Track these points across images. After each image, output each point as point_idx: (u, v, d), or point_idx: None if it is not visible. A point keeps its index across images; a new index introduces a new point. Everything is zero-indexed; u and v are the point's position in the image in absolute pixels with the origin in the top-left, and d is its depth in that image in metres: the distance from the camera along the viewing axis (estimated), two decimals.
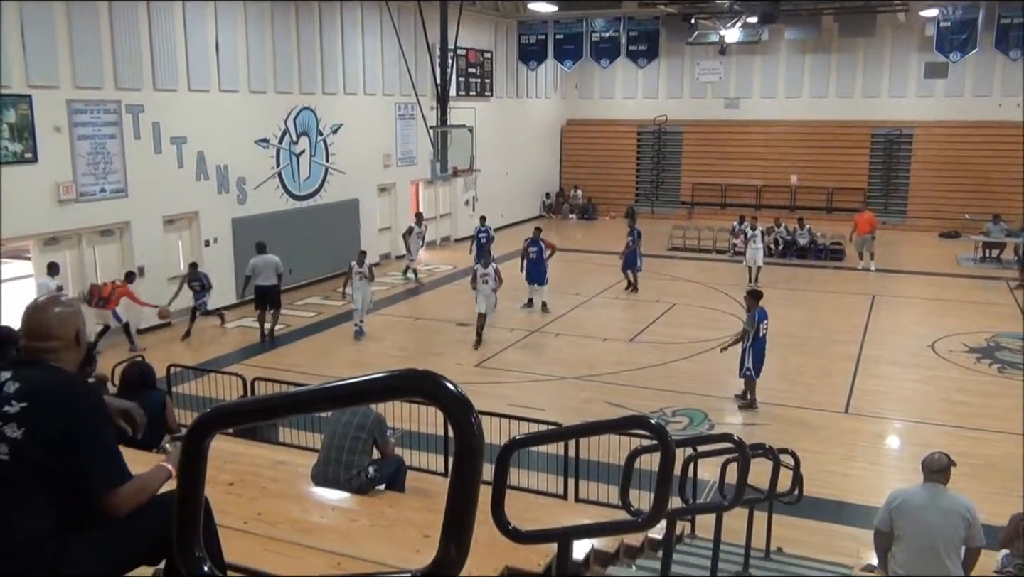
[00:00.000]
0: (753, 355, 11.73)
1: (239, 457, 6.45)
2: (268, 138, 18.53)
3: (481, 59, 26.22)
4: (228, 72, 17.16)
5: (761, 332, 11.74)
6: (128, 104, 15.04)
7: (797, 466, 7.60)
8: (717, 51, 26.45)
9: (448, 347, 15.16)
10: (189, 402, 10.51)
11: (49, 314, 2.63)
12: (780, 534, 7.68)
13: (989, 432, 11.06)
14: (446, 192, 25.90)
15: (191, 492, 1.56)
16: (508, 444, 2.93)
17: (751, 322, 11.76)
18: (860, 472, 10.09)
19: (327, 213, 20.26)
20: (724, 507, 4.81)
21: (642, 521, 2.77)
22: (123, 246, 15.49)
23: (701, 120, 30.54)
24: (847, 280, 20.85)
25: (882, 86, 28.37)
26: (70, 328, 2.63)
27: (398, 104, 22.53)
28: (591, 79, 31.70)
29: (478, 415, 1.34)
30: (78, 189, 14.25)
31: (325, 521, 5.00)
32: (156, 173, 15.66)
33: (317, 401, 1.51)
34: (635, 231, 19.18)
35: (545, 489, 8.29)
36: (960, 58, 23.99)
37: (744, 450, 4.29)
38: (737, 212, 26.39)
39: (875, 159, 28.94)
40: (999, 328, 16.04)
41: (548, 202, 31.88)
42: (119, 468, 2.51)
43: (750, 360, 11.75)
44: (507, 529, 2.70)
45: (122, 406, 2.98)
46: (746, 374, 11.89)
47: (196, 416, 1.58)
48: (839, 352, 14.69)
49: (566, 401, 12.29)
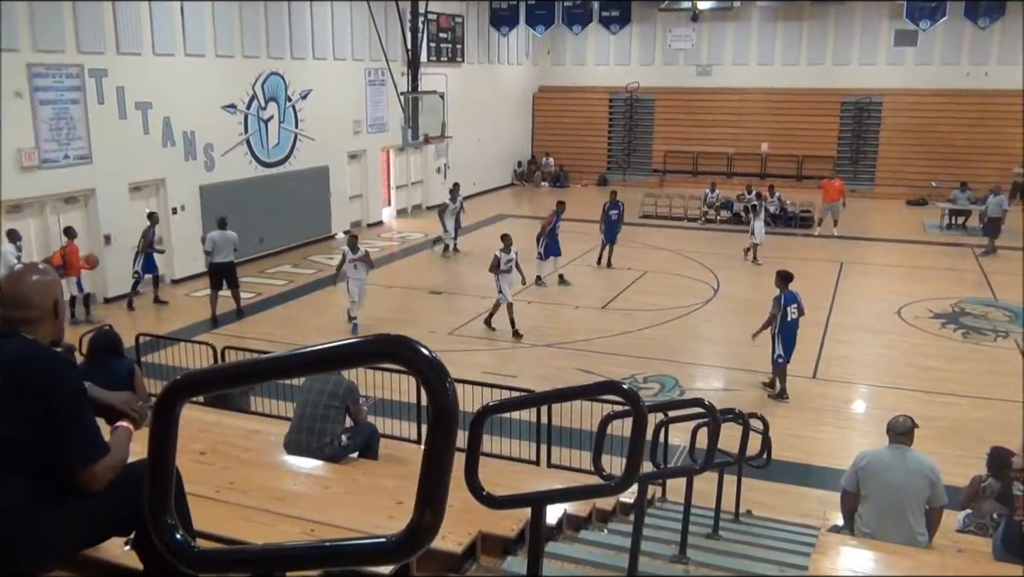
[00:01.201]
0: (782, 340, 11.08)
1: (211, 426, 6.42)
2: (236, 104, 18.23)
3: (452, 24, 25.90)
4: (194, 36, 16.81)
5: (789, 316, 11.07)
6: (91, 68, 14.70)
7: (766, 430, 7.72)
8: (689, 18, 26.43)
9: (421, 315, 15.13)
10: (159, 371, 10.42)
11: (27, 282, 2.54)
12: (749, 497, 7.80)
13: (953, 396, 11.28)
14: (417, 159, 25.69)
15: (162, 461, 1.54)
16: (481, 410, 2.94)
17: (777, 305, 11.11)
18: (827, 436, 10.27)
19: (297, 180, 20.03)
20: (695, 471, 4.88)
21: (614, 485, 2.79)
22: (88, 214, 15.23)
23: (673, 87, 30.49)
24: (816, 247, 21.05)
25: (852, 54, 28.47)
26: (48, 297, 2.55)
27: (368, 70, 22.23)
28: (563, 45, 31.49)
29: (452, 380, 1.33)
30: (40, 156, 13.95)
31: (298, 489, 5.00)
32: (121, 139, 15.36)
33: (289, 367, 1.49)
34: (619, 204, 18.96)
35: (518, 455, 8.35)
36: (930, 26, 24.15)
37: (715, 415, 4.34)
38: (708, 180, 26.52)
39: (845, 127, 29.12)
40: (964, 294, 16.31)
41: (520, 170, 31.76)
42: (97, 442, 2.47)
43: (780, 346, 11.07)
44: (481, 495, 2.71)
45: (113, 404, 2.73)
46: (777, 361, 11.18)
47: (166, 383, 1.56)
48: (808, 318, 14.71)
49: (539, 368, 12.34)
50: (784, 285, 11.18)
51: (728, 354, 13.41)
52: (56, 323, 2.59)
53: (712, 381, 12.33)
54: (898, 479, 5.53)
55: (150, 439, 1.55)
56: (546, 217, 17.43)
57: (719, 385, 12.08)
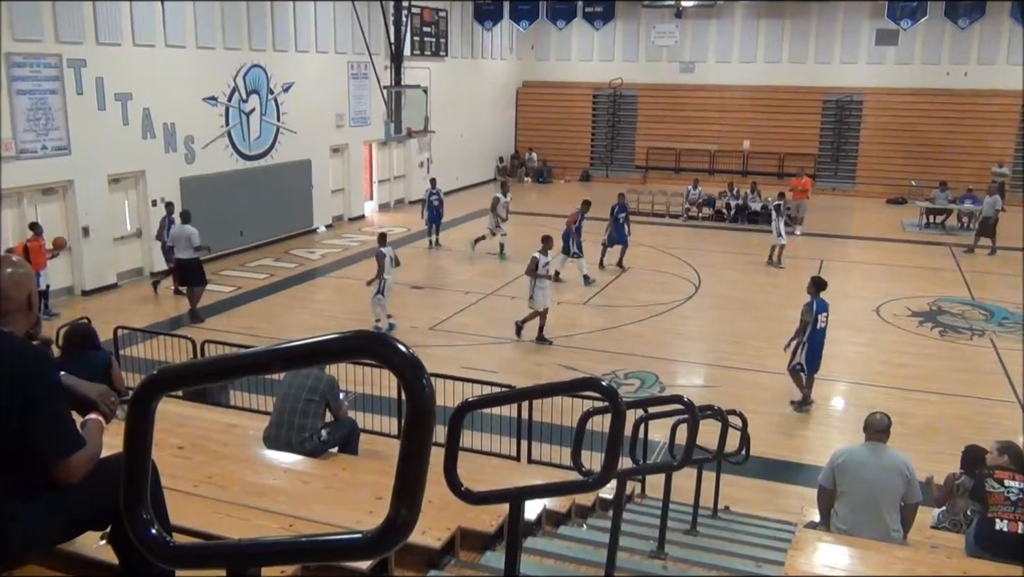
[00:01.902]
0: (808, 349, 10.61)
1: (189, 420, 6.38)
2: (217, 96, 18.10)
3: (436, 18, 25.82)
4: (175, 26, 16.66)
5: (819, 324, 10.62)
6: (70, 58, 14.54)
7: (745, 427, 7.77)
8: (673, 14, 26.49)
9: (402, 310, 15.09)
10: (137, 365, 10.34)
11: (1, 275, 2.52)
12: (728, 493, 7.86)
13: (930, 394, 11.40)
14: (400, 154, 25.63)
15: (138, 455, 1.54)
16: (461, 406, 2.94)
17: (808, 312, 10.63)
18: (805, 432, 10.35)
19: (278, 173, 19.93)
20: (673, 467, 4.90)
21: (593, 481, 2.80)
22: (66, 205, 15.08)
23: (656, 84, 30.57)
24: (797, 245, 21.17)
25: (834, 52, 28.64)
26: (23, 290, 2.53)
27: (351, 63, 22.13)
28: (547, 40, 31.48)
29: (430, 377, 1.34)
30: (18, 146, 13.79)
31: (277, 484, 4.99)
32: (100, 130, 15.22)
33: (268, 362, 1.49)
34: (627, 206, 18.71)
35: (498, 451, 8.37)
36: (911, 25, 24.34)
37: (693, 411, 4.36)
38: (691, 177, 26.60)
39: (826, 125, 29.31)
40: (942, 293, 16.47)
41: (502, 166, 31.73)
42: (72, 435, 2.45)
43: (802, 354, 10.64)
44: (459, 490, 2.72)
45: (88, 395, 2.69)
46: (795, 368, 10.77)
47: (143, 377, 1.55)
48: (787, 316, 14.87)
49: (519, 364, 12.36)
50: (817, 292, 10.74)
51: (708, 351, 13.49)
52: (30, 315, 2.57)
53: (692, 377, 12.39)
54: (874, 476, 5.58)
55: (126, 433, 1.54)
56: (571, 215, 17.18)
57: (699, 381, 12.15)
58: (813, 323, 10.60)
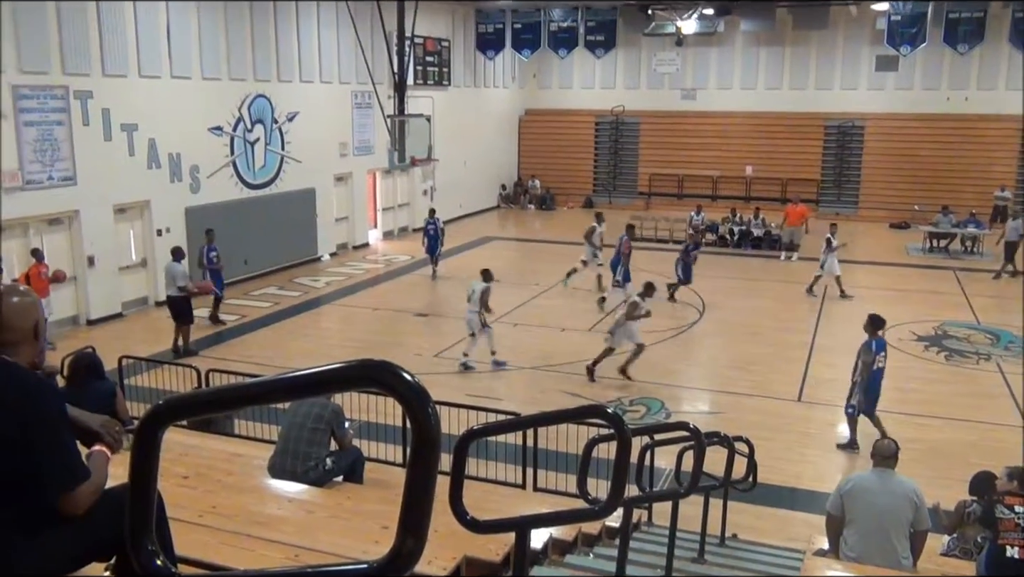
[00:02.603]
0: (866, 389, 10.11)
1: (194, 450, 6.36)
2: (222, 126, 18.24)
3: (439, 48, 26.05)
4: (180, 58, 16.84)
5: (878, 364, 10.11)
6: (76, 90, 14.69)
7: (751, 454, 7.72)
8: (674, 42, 26.67)
9: (407, 337, 15.10)
10: (142, 394, 10.33)
11: (7, 304, 2.50)
12: (735, 521, 7.80)
13: (936, 419, 11.34)
14: (404, 182, 25.75)
15: (143, 486, 1.53)
16: (466, 434, 2.93)
17: (867, 352, 10.13)
18: (813, 459, 10.28)
19: (283, 202, 20.02)
20: (680, 495, 4.87)
21: (599, 509, 2.78)
22: (72, 235, 15.16)
23: (658, 111, 30.73)
24: (801, 270, 21.15)
25: (834, 78, 28.80)
26: (29, 319, 2.52)
27: (355, 92, 22.31)
28: (549, 69, 31.71)
29: (435, 406, 1.34)
30: (24, 177, 13.89)
31: (282, 513, 4.96)
32: (106, 161, 15.33)
33: (273, 392, 1.49)
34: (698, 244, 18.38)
35: (504, 479, 8.31)
36: (910, 51, 24.48)
37: (700, 438, 4.34)
38: (693, 202, 26.66)
39: (828, 151, 29.40)
40: (946, 317, 16.43)
41: (504, 193, 31.83)
42: (78, 466, 2.44)
43: (859, 395, 10.16)
44: (465, 519, 2.70)
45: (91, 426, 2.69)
46: (848, 411, 10.32)
47: (149, 407, 1.55)
48: (792, 341, 14.92)
49: (524, 391, 12.32)
50: (875, 331, 10.28)
51: (714, 376, 13.45)
52: (36, 345, 2.56)
53: (698, 404, 12.34)
54: (882, 502, 5.54)
55: (131, 463, 1.54)
56: (623, 243, 17.07)
57: (705, 408, 12.10)
58: (871, 363, 10.08)
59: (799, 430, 11.07)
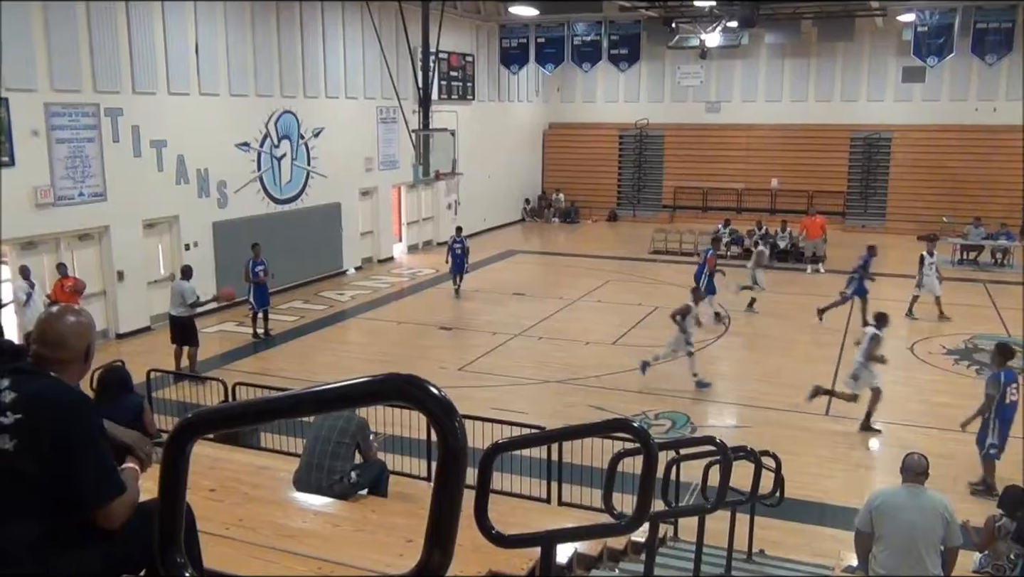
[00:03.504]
0: (999, 426, 9.32)
1: (221, 463, 6.41)
2: (249, 142, 18.43)
3: (463, 63, 26.21)
4: (208, 75, 17.06)
5: (1008, 397, 9.32)
6: (107, 107, 14.92)
7: (779, 468, 7.65)
8: (698, 55, 26.61)
9: (431, 351, 15.13)
10: (170, 407, 10.43)
11: (63, 323, 2.57)
12: (762, 536, 7.71)
13: (967, 434, 11.13)
14: (428, 196, 25.87)
15: (172, 498, 1.55)
16: (491, 448, 2.93)
17: (995, 385, 9.38)
18: (841, 474, 10.16)
19: (309, 217, 20.18)
20: (706, 509, 4.83)
21: (625, 524, 2.77)
22: (101, 250, 15.36)
23: (682, 124, 30.67)
24: (827, 283, 20.96)
25: (860, 90, 28.61)
26: (82, 340, 2.58)
27: (380, 108, 22.49)
28: (573, 83, 31.77)
29: (462, 419, 1.34)
30: (56, 193, 14.11)
31: (307, 526, 4.98)
32: (135, 177, 15.54)
33: (299, 406, 1.50)
34: None
35: (529, 493, 8.29)
36: (937, 62, 24.26)
37: (726, 453, 4.31)
38: (719, 216, 26.56)
39: (854, 162, 29.17)
40: (977, 330, 16.20)
41: (529, 207, 31.86)
42: (114, 480, 2.48)
43: (994, 435, 9.32)
44: (491, 533, 2.70)
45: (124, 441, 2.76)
46: (990, 454, 9.41)
47: (178, 421, 1.57)
48: (820, 354, 14.78)
49: (549, 405, 12.29)
50: (1004, 361, 9.58)
51: (740, 390, 13.34)
52: (85, 366, 2.61)
53: (724, 418, 12.25)
54: (913, 518, 5.46)
55: (161, 476, 1.56)
56: (709, 259, 17.10)
57: (731, 422, 12.00)
58: (1001, 397, 9.33)
59: (827, 445, 10.95)
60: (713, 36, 24.14)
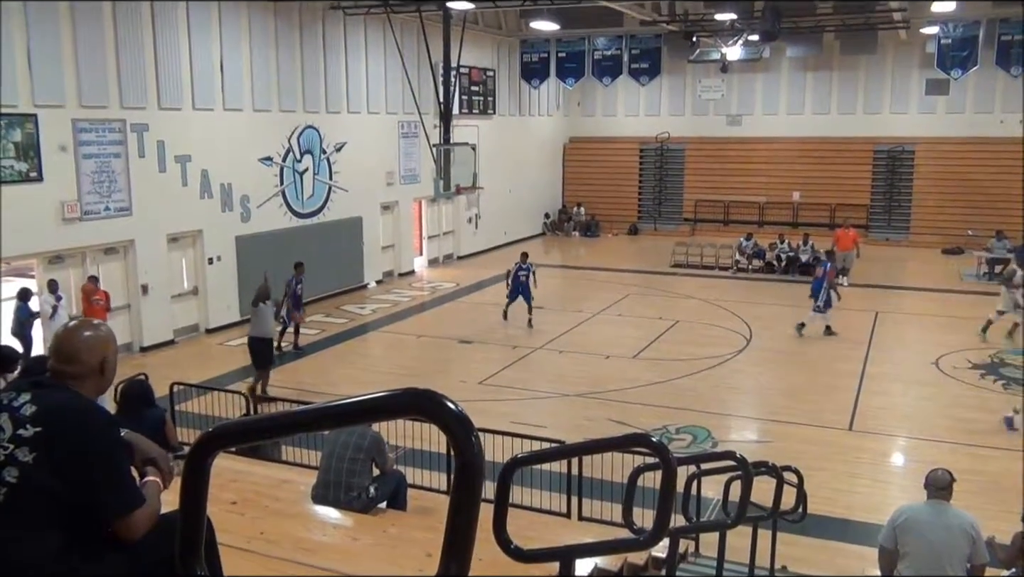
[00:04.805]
0: None
1: (242, 476, 6.44)
2: (272, 156, 18.61)
3: (484, 77, 26.34)
4: (232, 91, 17.26)
5: None
6: (133, 123, 15.12)
7: (801, 484, 7.57)
8: (719, 68, 26.60)
9: (451, 364, 15.15)
10: (192, 420, 10.50)
11: (77, 337, 2.61)
12: (784, 552, 7.63)
13: (993, 449, 11.01)
14: (449, 210, 25.96)
15: (193, 511, 1.57)
16: (510, 462, 2.93)
17: None
18: (864, 489, 10.05)
19: (330, 231, 20.31)
20: (727, 525, 4.80)
21: (644, 540, 2.76)
22: (127, 264, 15.53)
23: (703, 137, 30.62)
24: (850, 296, 20.81)
25: (884, 103, 28.43)
26: (96, 354, 2.60)
27: (401, 122, 22.63)
28: (593, 97, 31.82)
29: (478, 434, 1.35)
30: (82, 208, 14.31)
31: (327, 540, 5.00)
32: (160, 191, 15.73)
33: (318, 421, 1.51)
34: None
35: (548, 507, 8.26)
36: (961, 75, 24.09)
37: (747, 468, 4.29)
38: (741, 229, 26.46)
39: (877, 175, 28.96)
40: (1003, 344, 15.99)
41: (548, 221, 31.85)
42: (134, 493, 2.51)
43: None
44: (509, 548, 2.69)
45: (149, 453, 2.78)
46: None
47: (199, 435, 1.58)
48: (843, 369, 14.66)
49: (569, 418, 12.26)
50: None
51: (761, 405, 13.25)
52: (102, 380, 2.64)
53: (745, 432, 12.16)
54: (937, 535, 5.39)
55: (182, 489, 1.57)
56: (828, 271, 16.88)
57: (752, 436, 11.91)
58: None
59: (850, 460, 10.83)
60: (734, 50, 24.12)
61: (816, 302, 16.57)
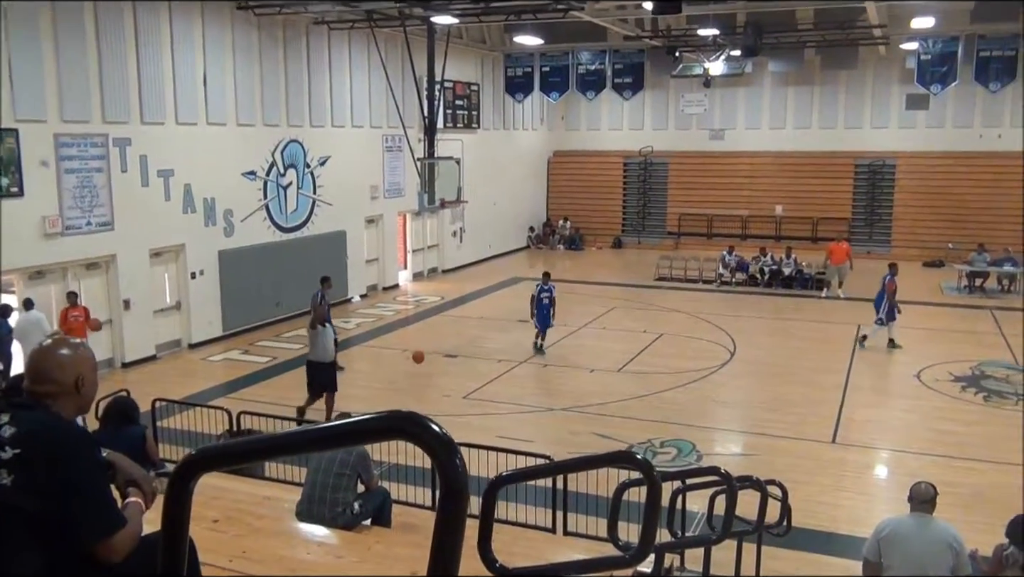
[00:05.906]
0: None
1: (224, 493, 6.39)
2: (255, 170, 18.55)
3: (468, 91, 26.42)
4: (216, 105, 17.21)
5: None
6: (115, 137, 15.05)
7: (785, 497, 7.60)
8: (701, 83, 26.75)
9: (436, 378, 15.11)
10: (175, 436, 10.42)
11: (50, 357, 2.57)
12: (769, 566, 7.65)
13: (976, 461, 11.08)
14: (433, 223, 25.96)
15: (175, 534, 1.56)
16: (495, 481, 2.93)
17: None
18: (848, 502, 10.09)
19: (314, 245, 20.25)
20: (712, 540, 4.81)
21: (630, 557, 2.76)
22: (108, 279, 15.42)
23: (686, 151, 30.81)
24: (832, 309, 20.97)
25: (864, 117, 28.74)
26: (69, 373, 2.56)
27: (385, 136, 22.65)
28: (577, 111, 31.99)
29: (462, 457, 1.35)
30: (64, 222, 14.20)
31: (311, 558, 4.96)
32: (142, 206, 15.64)
33: (303, 444, 1.51)
34: None
35: (533, 522, 8.24)
36: (941, 90, 24.37)
37: (731, 483, 4.30)
38: (724, 243, 26.61)
39: (858, 189, 29.24)
40: (984, 357, 16.13)
41: (533, 235, 31.91)
42: (114, 515, 2.48)
43: None
44: (494, 567, 2.69)
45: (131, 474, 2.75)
46: None
47: (182, 458, 1.58)
48: (826, 382, 14.73)
49: (554, 432, 12.25)
50: None
51: (746, 418, 13.29)
52: (79, 398, 2.60)
53: (730, 445, 12.18)
54: (921, 548, 5.42)
55: (164, 511, 1.57)
56: (888, 283, 16.72)
57: (737, 450, 11.94)
58: None
59: (834, 473, 10.87)
60: (717, 65, 24.30)
61: (878, 314, 16.64)
